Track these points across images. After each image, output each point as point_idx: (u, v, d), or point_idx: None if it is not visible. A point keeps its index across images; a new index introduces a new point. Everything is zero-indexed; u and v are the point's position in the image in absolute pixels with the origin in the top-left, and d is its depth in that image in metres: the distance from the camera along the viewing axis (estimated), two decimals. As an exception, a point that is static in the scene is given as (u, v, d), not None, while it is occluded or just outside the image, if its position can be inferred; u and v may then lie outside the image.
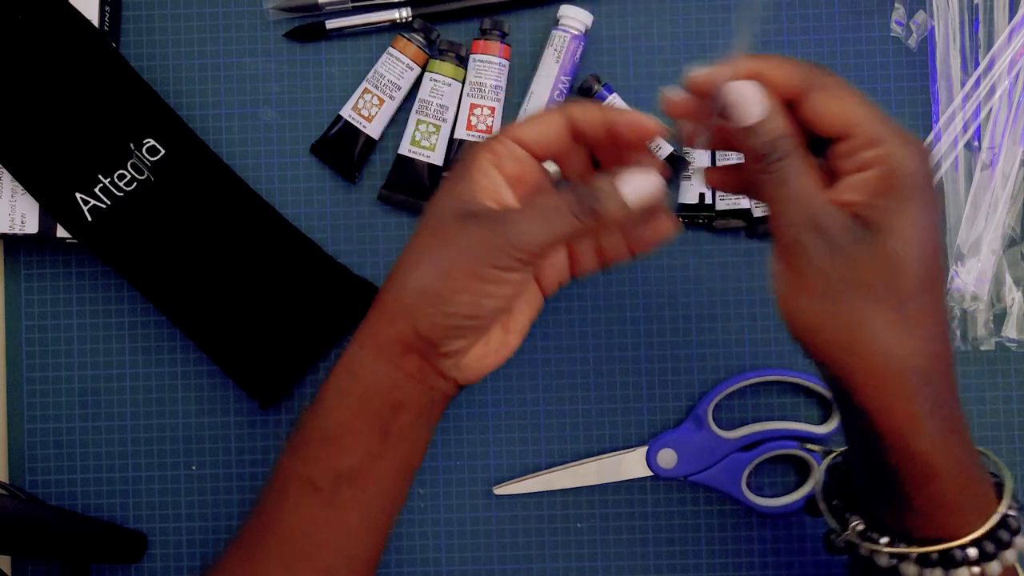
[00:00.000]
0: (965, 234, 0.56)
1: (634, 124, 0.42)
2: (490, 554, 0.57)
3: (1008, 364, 0.57)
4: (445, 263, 0.41)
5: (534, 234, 0.40)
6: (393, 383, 0.43)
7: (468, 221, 0.41)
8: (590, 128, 0.42)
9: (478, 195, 0.42)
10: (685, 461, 0.55)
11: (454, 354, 0.43)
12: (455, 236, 0.41)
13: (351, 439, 0.43)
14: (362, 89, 0.56)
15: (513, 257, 0.40)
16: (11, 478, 0.57)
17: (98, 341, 0.57)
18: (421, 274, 0.42)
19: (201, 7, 0.58)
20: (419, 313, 0.41)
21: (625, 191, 0.41)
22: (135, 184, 0.54)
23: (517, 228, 0.40)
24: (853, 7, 0.58)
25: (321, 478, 0.43)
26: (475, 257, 0.41)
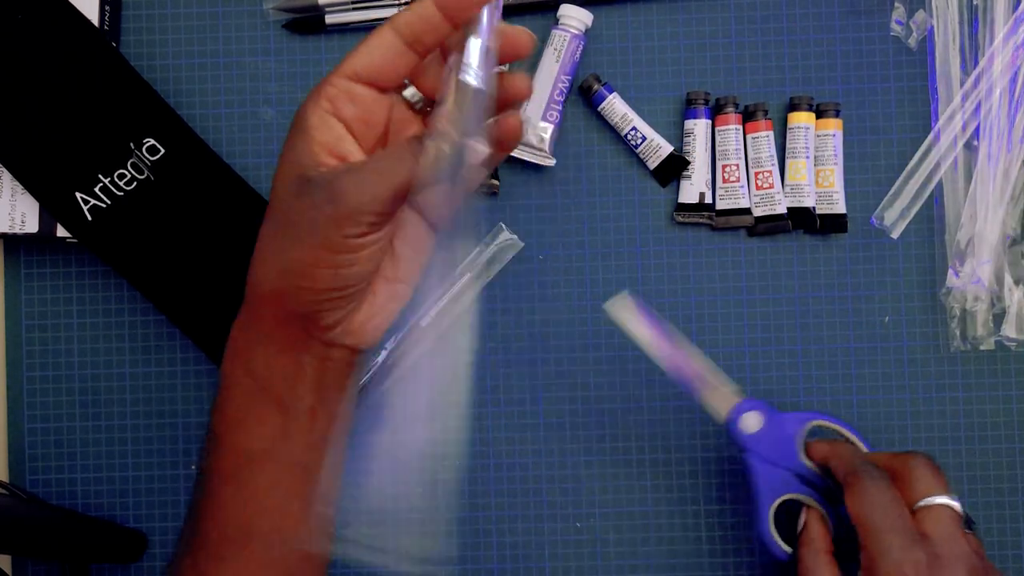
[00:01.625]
0: (965, 234, 0.56)
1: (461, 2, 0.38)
2: (490, 553, 0.57)
3: (1008, 364, 0.57)
4: (294, 238, 0.39)
5: (376, 191, 0.37)
6: (283, 363, 0.41)
7: (305, 191, 0.38)
8: (425, 28, 0.38)
9: (315, 154, 0.39)
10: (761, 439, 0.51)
11: (336, 324, 0.41)
12: (298, 209, 0.38)
13: (253, 422, 0.42)
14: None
15: (361, 222, 0.38)
16: (11, 477, 0.57)
17: (98, 341, 0.57)
18: (276, 254, 0.40)
19: (201, 7, 0.58)
20: (285, 294, 0.40)
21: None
22: (135, 183, 0.54)
23: (355, 189, 0.37)
24: (853, 7, 0.58)
25: (233, 466, 0.42)
26: (321, 231, 0.38)
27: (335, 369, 0.43)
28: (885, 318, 0.57)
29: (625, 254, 0.57)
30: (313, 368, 0.42)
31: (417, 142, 0.38)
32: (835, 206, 0.57)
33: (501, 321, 0.57)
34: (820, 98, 0.57)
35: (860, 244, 0.57)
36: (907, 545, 0.43)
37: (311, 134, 0.39)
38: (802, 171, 0.56)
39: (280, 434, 0.42)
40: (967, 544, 0.44)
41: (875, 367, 0.57)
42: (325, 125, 0.39)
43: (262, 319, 0.41)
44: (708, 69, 0.58)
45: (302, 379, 0.42)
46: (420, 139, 0.38)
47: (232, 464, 0.42)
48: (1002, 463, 0.57)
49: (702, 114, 0.56)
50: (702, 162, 0.56)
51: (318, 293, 0.39)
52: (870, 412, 0.57)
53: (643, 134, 0.56)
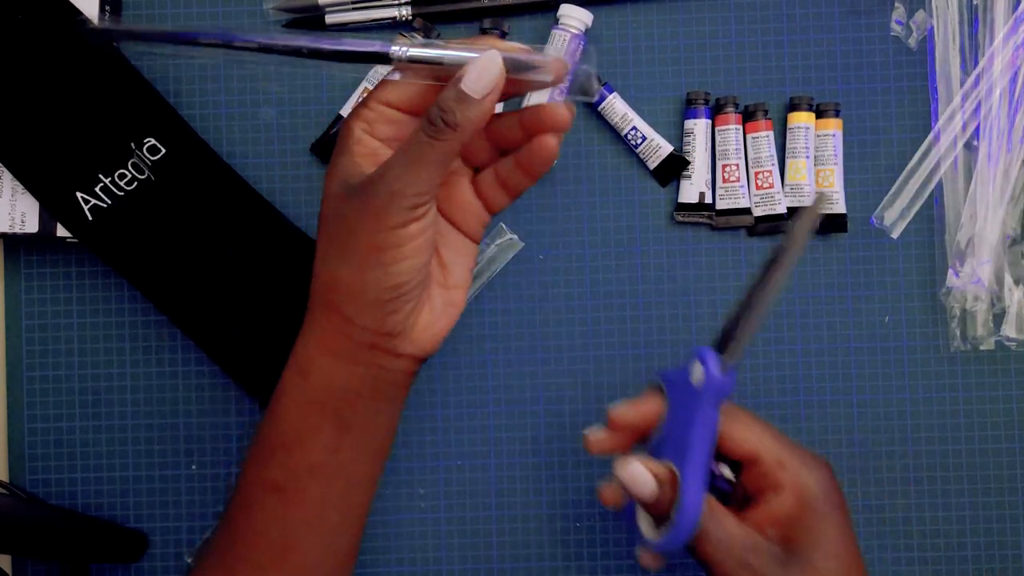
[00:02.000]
0: (965, 234, 0.56)
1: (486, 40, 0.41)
2: (490, 553, 0.57)
3: (1008, 364, 0.57)
4: (345, 247, 0.41)
5: (408, 176, 0.39)
6: (344, 375, 0.42)
7: (350, 196, 0.40)
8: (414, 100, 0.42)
9: (358, 164, 0.41)
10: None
11: (399, 331, 0.42)
12: (343, 216, 0.41)
13: (310, 437, 0.43)
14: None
15: (403, 208, 0.39)
16: (11, 477, 0.57)
17: (98, 341, 0.57)
18: (331, 265, 0.41)
19: (201, 7, 0.58)
20: (345, 304, 0.41)
21: (465, 85, 0.38)
22: (136, 183, 0.54)
23: (389, 179, 0.39)
24: (853, 7, 0.58)
25: (284, 478, 0.43)
26: (364, 228, 0.40)
27: (393, 381, 0.43)
28: (885, 318, 0.57)
29: (625, 254, 0.57)
30: (373, 381, 0.43)
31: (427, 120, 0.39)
32: (835, 206, 0.57)
33: (501, 321, 0.57)
34: (820, 98, 0.57)
35: (860, 244, 0.57)
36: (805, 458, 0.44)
37: (352, 149, 0.41)
38: (802, 171, 0.56)
39: (333, 447, 0.43)
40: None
41: (875, 367, 0.57)
42: (364, 141, 0.41)
43: (324, 332, 0.42)
44: (708, 69, 0.58)
45: (361, 393, 0.43)
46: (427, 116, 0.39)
47: (283, 477, 0.43)
48: (1002, 463, 0.57)
49: (702, 114, 0.56)
50: (702, 162, 0.56)
51: (377, 297, 0.40)
52: (870, 412, 0.57)
53: (643, 134, 0.56)
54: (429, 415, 0.57)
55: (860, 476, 0.57)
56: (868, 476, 0.57)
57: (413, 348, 0.43)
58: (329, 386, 0.42)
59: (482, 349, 0.57)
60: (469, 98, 0.39)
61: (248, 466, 0.45)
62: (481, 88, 0.39)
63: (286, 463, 0.43)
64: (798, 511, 0.43)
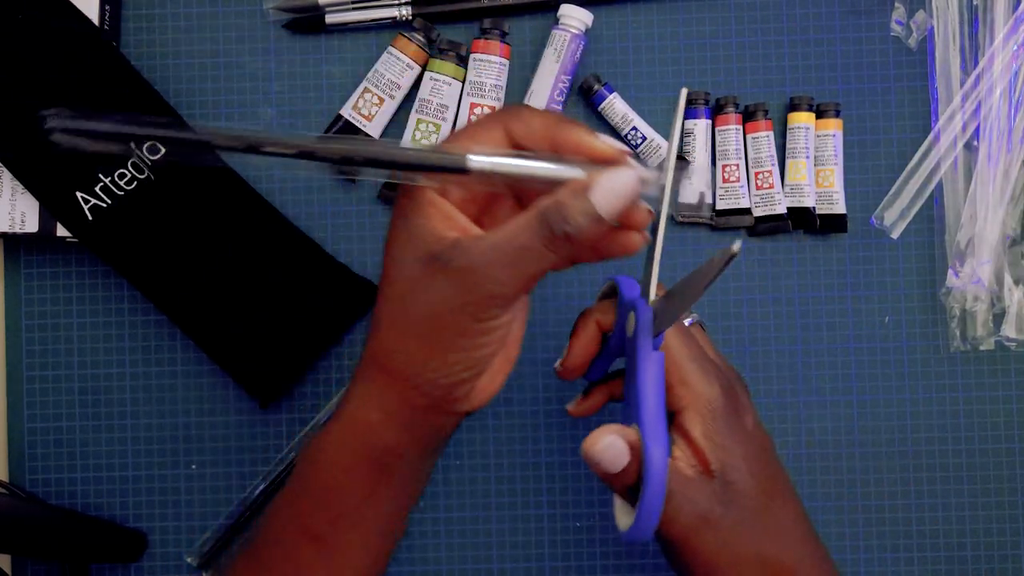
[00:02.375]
0: (965, 234, 0.56)
1: (580, 145, 0.37)
2: (489, 553, 0.57)
3: (1008, 364, 0.57)
4: (424, 325, 0.38)
5: (508, 280, 0.37)
6: (398, 435, 0.41)
7: (435, 270, 0.37)
8: (532, 144, 0.38)
9: (435, 229, 0.38)
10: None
11: (461, 397, 0.40)
12: (424, 291, 0.38)
13: (354, 490, 0.42)
14: (362, 88, 0.56)
15: (492, 307, 0.37)
16: (11, 477, 0.57)
17: (98, 340, 0.57)
18: (402, 338, 0.39)
19: (201, 6, 0.58)
20: (415, 379, 0.39)
21: (597, 200, 0.36)
22: (136, 183, 0.54)
23: (488, 278, 0.36)
24: (853, 7, 0.58)
25: (323, 528, 0.42)
26: (453, 316, 0.37)
27: (442, 436, 0.43)
28: (885, 318, 0.57)
29: (625, 254, 0.57)
30: (426, 438, 0.42)
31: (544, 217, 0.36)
32: (835, 206, 0.57)
33: (501, 321, 0.57)
34: (820, 98, 0.57)
35: (860, 244, 0.57)
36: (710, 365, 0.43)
37: (428, 212, 0.38)
38: (802, 171, 0.56)
39: (376, 499, 0.42)
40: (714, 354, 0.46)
41: (875, 367, 0.57)
42: (438, 204, 0.38)
43: (382, 394, 0.40)
44: (708, 69, 0.58)
45: (411, 449, 0.41)
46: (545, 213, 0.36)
47: (323, 527, 0.42)
48: (1002, 463, 0.57)
49: (702, 114, 0.56)
50: (702, 162, 0.56)
51: (451, 376, 0.39)
52: (870, 412, 0.57)
53: (643, 134, 0.56)
54: (429, 415, 0.57)
55: (860, 476, 0.57)
56: (868, 476, 0.57)
57: (469, 406, 0.41)
58: (380, 443, 0.41)
59: (482, 349, 0.57)
60: (597, 215, 0.36)
61: (285, 507, 0.44)
62: (613, 209, 0.36)
63: (327, 513, 0.42)
64: (703, 430, 0.41)
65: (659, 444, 0.38)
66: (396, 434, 0.41)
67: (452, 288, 0.37)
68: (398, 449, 0.41)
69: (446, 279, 0.37)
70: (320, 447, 0.43)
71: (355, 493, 0.42)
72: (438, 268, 0.37)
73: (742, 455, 0.41)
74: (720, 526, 0.41)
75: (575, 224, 0.36)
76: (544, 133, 0.38)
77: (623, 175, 0.36)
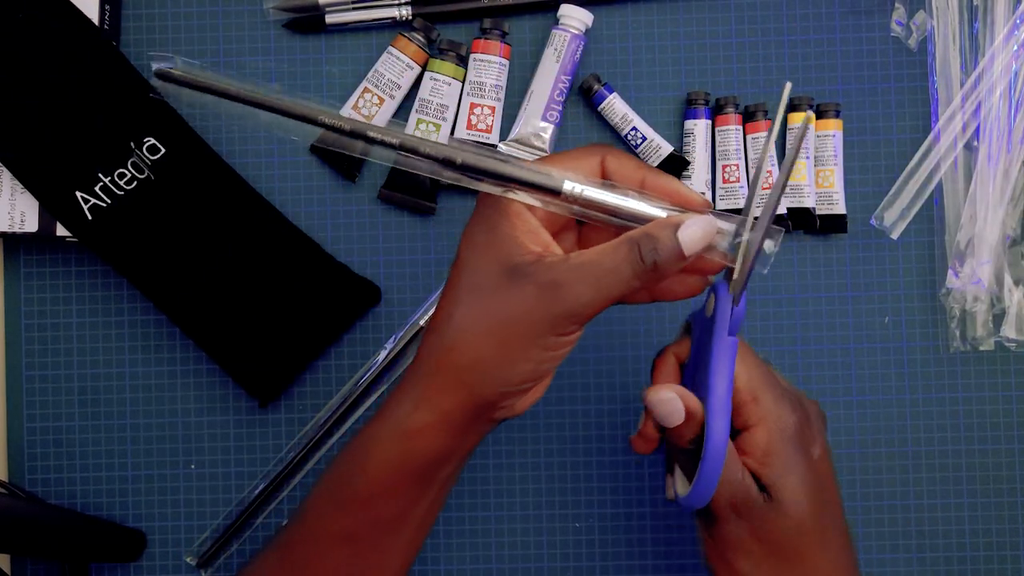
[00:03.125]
0: (965, 234, 0.56)
1: (668, 191, 0.40)
2: (489, 553, 0.57)
3: (1008, 364, 0.57)
4: (500, 331, 0.39)
5: (592, 297, 0.38)
6: (450, 443, 0.41)
7: (518, 281, 0.39)
8: (622, 181, 0.41)
9: (521, 242, 0.39)
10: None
11: (510, 406, 0.41)
12: (506, 299, 0.39)
13: (396, 495, 0.42)
14: (362, 88, 0.56)
15: (573, 322, 0.39)
16: (10, 477, 0.57)
17: (98, 340, 0.57)
18: (474, 341, 0.39)
19: (201, 6, 0.58)
20: (478, 383, 0.40)
21: (684, 238, 0.39)
22: (135, 183, 0.54)
23: (575, 294, 0.38)
24: (853, 7, 0.58)
25: (361, 530, 0.43)
26: (532, 326, 0.39)
27: (479, 442, 0.43)
28: (885, 318, 0.57)
29: (625, 254, 0.57)
30: (469, 443, 0.42)
31: (635, 244, 0.39)
32: (835, 206, 0.57)
33: (501, 321, 0.57)
34: (820, 98, 0.57)
35: (860, 244, 0.57)
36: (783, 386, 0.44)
37: (514, 220, 0.39)
38: (802, 171, 0.56)
39: (414, 504, 0.43)
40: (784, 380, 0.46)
41: (875, 367, 0.57)
42: (525, 217, 0.40)
43: (440, 399, 0.41)
44: (708, 69, 0.58)
45: (456, 455, 0.42)
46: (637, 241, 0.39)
47: (361, 528, 0.43)
48: (1002, 463, 0.57)
49: (702, 114, 0.56)
50: (702, 162, 0.56)
51: (515, 384, 0.40)
52: (870, 412, 0.57)
53: (643, 134, 0.56)
54: (429, 415, 0.57)
55: (860, 476, 0.57)
56: (868, 476, 0.57)
57: (510, 414, 0.42)
58: (430, 450, 0.41)
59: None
60: (681, 251, 0.39)
61: (323, 509, 0.44)
62: (696, 248, 0.39)
63: (367, 515, 0.42)
64: (769, 448, 0.42)
65: (722, 419, 0.41)
66: (445, 440, 0.41)
67: (536, 300, 0.38)
68: (445, 456, 0.42)
69: (532, 289, 0.38)
70: (367, 450, 0.42)
71: (396, 500, 0.42)
72: (523, 278, 0.39)
73: (800, 480, 0.42)
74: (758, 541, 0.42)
75: (663, 254, 0.38)
76: (636, 174, 0.40)
77: (708, 219, 0.39)
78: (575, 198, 0.39)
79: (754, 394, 0.43)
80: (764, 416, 0.42)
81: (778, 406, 0.43)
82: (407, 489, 0.42)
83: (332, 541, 0.43)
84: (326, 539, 0.43)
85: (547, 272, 0.38)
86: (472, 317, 0.40)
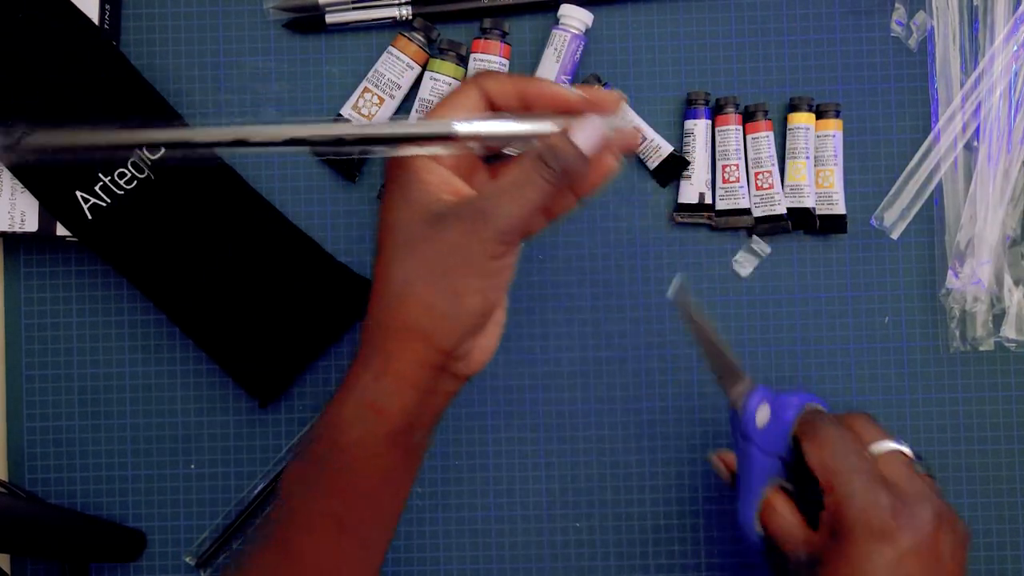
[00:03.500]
0: (965, 235, 0.56)
1: (547, 95, 0.42)
2: (488, 553, 0.57)
3: (1008, 364, 0.57)
4: (440, 273, 0.41)
5: (515, 212, 0.40)
6: (420, 405, 0.42)
7: (442, 223, 0.41)
8: (504, 101, 0.42)
9: (435, 192, 0.41)
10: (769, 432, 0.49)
11: (465, 354, 0.43)
12: (437, 242, 0.41)
13: (375, 469, 0.43)
14: (362, 88, 0.56)
15: (504, 241, 0.41)
16: (10, 476, 0.57)
17: (98, 340, 0.57)
18: (418, 290, 0.41)
19: (201, 6, 0.58)
20: (432, 330, 0.41)
21: (580, 142, 0.41)
22: (135, 182, 0.54)
23: (497, 212, 0.40)
24: (853, 7, 0.58)
25: (344, 508, 0.43)
26: (467, 257, 0.40)
27: (446, 404, 0.44)
28: (885, 318, 0.57)
29: (625, 254, 0.57)
30: (435, 405, 0.43)
31: (538, 157, 0.41)
32: (835, 207, 0.57)
33: (501, 321, 0.57)
34: (820, 98, 0.57)
35: (860, 244, 0.57)
36: (871, 487, 0.43)
37: (423, 175, 0.41)
38: (802, 171, 0.56)
39: (391, 475, 0.43)
40: (924, 484, 0.44)
41: (875, 367, 0.57)
42: (431, 167, 0.41)
43: (402, 362, 0.42)
44: (708, 69, 0.58)
45: (424, 418, 0.43)
46: (539, 154, 0.41)
47: (343, 507, 0.43)
48: (1002, 463, 0.57)
49: (702, 114, 0.56)
50: (702, 162, 0.56)
51: (466, 321, 0.41)
52: (870, 412, 0.57)
53: (643, 134, 0.56)
54: (429, 415, 0.57)
55: (860, 476, 0.57)
56: (868, 476, 0.57)
57: (469, 369, 0.44)
58: (399, 416, 0.42)
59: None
60: (581, 152, 0.41)
61: (300, 489, 0.44)
62: (593, 146, 0.42)
63: (347, 493, 0.43)
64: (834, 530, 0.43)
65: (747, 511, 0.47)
66: (412, 404, 0.42)
67: (464, 232, 0.40)
68: (414, 420, 0.42)
69: (458, 225, 0.40)
70: (340, 428, 0.43)
71: (375, 474, 0.43)
72: (447, 219, 0.40)
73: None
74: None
75: (567, 159, 0.41)
76: (514, 89, 0.42)
77: (592, 121, 0.42)
78: (470, 136, 0.41)
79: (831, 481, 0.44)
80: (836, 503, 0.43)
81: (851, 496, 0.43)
82: (379, 459, 0.43)
83: (317, 518, 0.43)
84: (313, 521, 0.43)
85: (467, 206, 0.41)
86: (410, 270, 0.41)
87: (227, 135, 0.41)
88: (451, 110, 0.42)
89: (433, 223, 0.41)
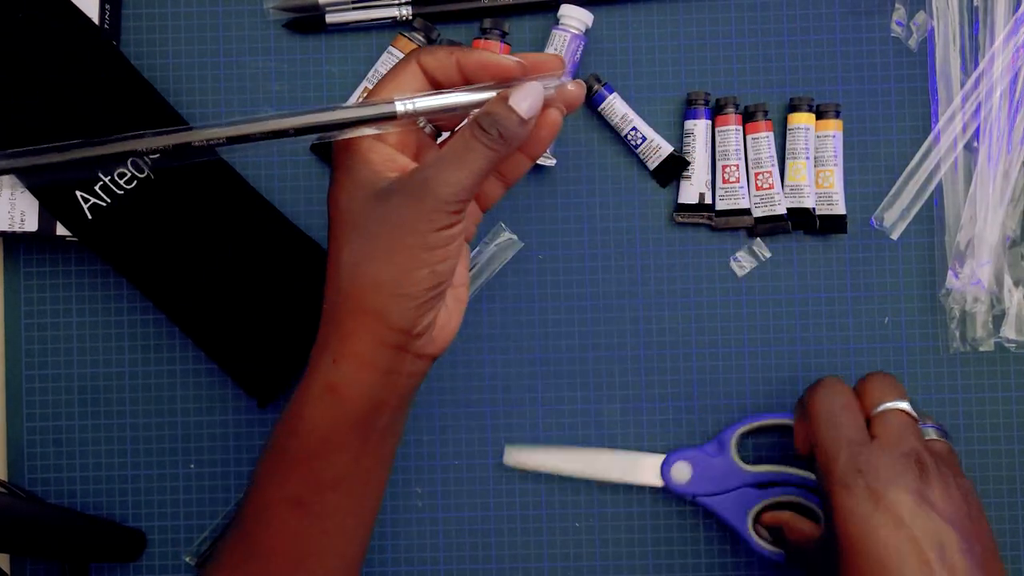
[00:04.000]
0: (965, 235, 0.56)
1: (484, 64, 0.42)
2: (488, 553, 0.57)
3: (1008, 365, 0.57)
4: (387, 248, 0.40)
5: (456, 180, 0.40)
6: (377, 386, 0.42)
7: (386, 199, 0.40)
8: (444, 75, 0.43)
9: (379, 171, 0.41)
10: (698, 480, 0.55)
11: (425, 331, 0.42)
12: (382, 218, 0.40)
13: (336, 451, 0.43)
14: (362, 88, 0.56)
15: (449, 211, 0.40)
16: (10, 476, 0.57)
17: (98, 339, 0.57)
18: (368, 269, 0.41)
19: (201, 6, 0.58)
20: (386, 307, 0.41)
21: (517, 105, 0.41)
22: (135, 182, 0.54)
23: (440, 181, 0.40)
24: (853, 7, 0.58)
25: (306, 493, 0.43)
26: (413, 228, 0.40)
27: (411, 386, 0.44)
28: (885, 319, 0.57)
29: (625, 254, 0.57)
30: (399, 386, 0.43)
31: (476, 124, 0.41)
32: (835, 207, 0.57)
33: (500, 321, 0.57)
34: (820, 99, 0.57)
35: (860, 245, 0.57)
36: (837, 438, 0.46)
37: (367, 155, 0.41)
38: (802, 172, 0.56)
39: (356, 458, 0.43)
40: (918, 441, 0.45)
41: (875, 367, 0.57)
42: (378, 149, 0.42)
43: (356, 342, 0.42)
44: (708, 69, 0.58)
45: (388, 401, 0.43)
46: (478, 121, 0.41)
47: (305, 491, 0.43)
48: (1002, 463, 0.57)
49: (702, 114, 0.56)
50: (702, 162, 0.56)
51: (418, 296, 0.41)
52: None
53: (643, 134, 0.56)
54: (427, 414, 0.57)
55: (860, 477, 0.57)
56: (868, 477, 0.57)
57: (432, 348, 0.43)
58: (361, 398, 0.42)
59: (480, 349, 0.57)
60: (520, 116, 0.41)
61: (265, 479, 0.44)
62: (531, 109, 0.42)
63: (308, 477, 0.43)
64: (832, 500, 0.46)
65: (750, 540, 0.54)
66: (372, 386, 0.42)
67: (407, 205, 0.40)
68: (377, 403, 0.42)
69: (401, 198, 0.40)
70: (297, 413, 0.43)
71: (337, 457, 0.43)
72: (390, 195, 0.40)
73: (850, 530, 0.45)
74: None
75: (505, 123, 0.41)
76: (450, 60, 0.42)
77: (530, 85, 0.42)
78: (412, 113, 0.42)
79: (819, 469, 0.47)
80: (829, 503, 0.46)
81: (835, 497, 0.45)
82: (344, 444, 0.42)
83: (280, 507, 0.43)
84: (274, 506, 0.43)
85: (409, 179, 0.41)
86: (357, 250, 0.41)
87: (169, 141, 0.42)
88: (391, 88, 0.42)
89: (378, 200, 0.41)
